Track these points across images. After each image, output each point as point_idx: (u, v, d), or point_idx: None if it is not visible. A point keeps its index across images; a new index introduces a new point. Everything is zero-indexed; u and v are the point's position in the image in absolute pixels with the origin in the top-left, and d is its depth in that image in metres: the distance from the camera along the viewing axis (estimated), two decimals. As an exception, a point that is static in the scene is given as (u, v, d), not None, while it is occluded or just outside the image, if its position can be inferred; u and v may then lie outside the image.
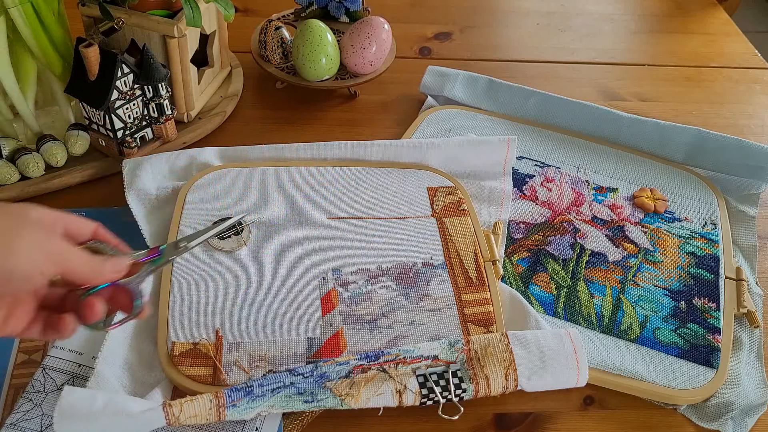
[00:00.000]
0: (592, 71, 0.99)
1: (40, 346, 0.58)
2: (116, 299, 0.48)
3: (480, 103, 0.88)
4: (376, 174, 0.73)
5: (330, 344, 0.59)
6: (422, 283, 0.64)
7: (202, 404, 0.50)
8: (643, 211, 0.76)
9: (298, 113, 0.85)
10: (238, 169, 0.72)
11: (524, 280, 0.67)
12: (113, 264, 0.46)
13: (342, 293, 0.62)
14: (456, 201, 0.71)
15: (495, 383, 0.55)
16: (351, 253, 0.65)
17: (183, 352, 0.56)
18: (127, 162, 0.71)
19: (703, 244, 0.73)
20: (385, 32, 0.84)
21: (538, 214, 0.74)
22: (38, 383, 0.54)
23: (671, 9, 1.14)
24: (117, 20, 0.71)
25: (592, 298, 0.67)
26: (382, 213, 0.70)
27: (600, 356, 0.61)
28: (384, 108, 0.88)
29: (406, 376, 0.55)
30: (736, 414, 0.59)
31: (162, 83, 0.71)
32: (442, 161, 0.75)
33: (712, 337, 0.64)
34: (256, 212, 0.68)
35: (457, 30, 1.04)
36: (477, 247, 0.67)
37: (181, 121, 0.79)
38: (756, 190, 0.80)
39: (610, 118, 0.85)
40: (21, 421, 0.52)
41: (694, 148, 0.83)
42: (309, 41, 0.81)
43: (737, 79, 1.00)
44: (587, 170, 0.80)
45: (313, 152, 0.75)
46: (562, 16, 1.10)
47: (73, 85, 0.70)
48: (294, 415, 0.55)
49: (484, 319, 0.61)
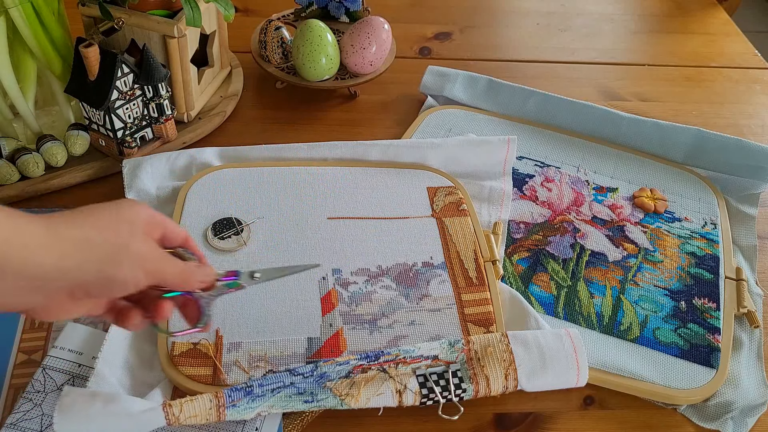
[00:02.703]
0: (592, 71, 0.99)
1: (40, 346, 0.58)
2: (186, 308, 0.51)
3: (480, 103, 0.88)
4: (376, 174, 0.73)
5: (330, 344, 0.59)
6: (422, 283, 0.64)
7: (202, 404, 0.50)
8: (643, 211, 0.76)
9: (298, 113, 0.85)
10: (238, 169, 0.72)
11: (524, 280, 0.67)
12: (202, 274, 0.49)
13: (342, 293, 0.62)
14: (456, 201, 0.71)
15: (495, 383, 0.55)
16: (351, 253, 0.65)
17: (183, 352, 0.56)
18: (127, 162, 0.71)
19: (703, 244, 0.73)
20: (385, 32, 0.84)
21: (538, 214, 0.74)
22: (38, 383, 0.54)
23: (671, 9, 1.14)
24: (117, 20, 0.71)
25: (592, 298, 0.67)
26: (382, 213, 0.70)
27: (600, 356, 0.61)
28: (384, 108, 0.88)
29: (406, 376, 0.55)
30: (736, 414, 0.59)
31: (162, 83, 0.71)
32: (442, 161, 0.75)
33: (712, 337, 0.64)
34: (256, 212, 0.68)
35: (457, 30, 1.04)
36: (477, 247, 0.67)
37: (181, 121, 0.79)
38: (756, 190, 0.80)
39: (610, 118, 0.85)
40: (21, 421, 0.52)
41: (694, 148, 0.83)
42: (309, 41, 0.81)
43: (737, 79, 1.00)
44: (587, 170, 0.80)
45: (313, 152, 0.75)
46: (562, 16, 1.10)
47: (73, 85, 0.70)
48: (294, 415, 0.55)
49: (484, 319, 0.61)
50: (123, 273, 0.43)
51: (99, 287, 0.43)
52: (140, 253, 0.44)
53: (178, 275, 0.47)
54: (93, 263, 0.41)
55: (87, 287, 0.42)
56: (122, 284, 0.43)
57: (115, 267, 0.42)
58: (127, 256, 0.43)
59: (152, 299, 0.48)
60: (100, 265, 0.42)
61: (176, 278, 0.47)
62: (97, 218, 0.43)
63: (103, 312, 0.47)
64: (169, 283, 0.47)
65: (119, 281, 0.43)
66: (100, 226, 0.43)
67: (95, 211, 0.44)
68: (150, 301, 0.48)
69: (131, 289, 0.44)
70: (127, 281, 0.43)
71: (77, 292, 0.42)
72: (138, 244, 0.44)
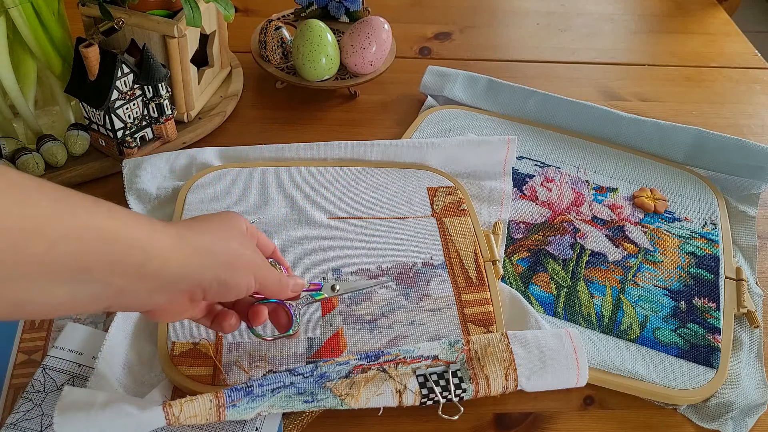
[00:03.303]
0: (592, 71, 0.99)
1: (40, 346, 0.58)
2: (276, 315, 0.55)
3: (480, 103, 0.88)
4: (376, 174, 0.73)
5: (330, 344, 0.59)
6: (422, 283, 0.64)
7: (202, 404, 0.50)
8: (643, 211, 0.76)
9: (298, 113, 0.85)
10: (238, 169, 0.72)
11: (524, 280, 0.67)
12: (295, 284, 0.53)
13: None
14: (456, 201, 0.71)
15: (495, 383, 0.55)
16: (351, 253, 0.65)
17: (183, 352, 0.56)
18: (127, 162, 0.71)
19: (703, 244, 0.73)
20: (385, 32, 0.84)
21: (538, 214, 0.74)
22: (38, 383, 0.54)
23: (671, 9, 1.14)
24: (117, 20, 0.71)
25: (592, 298, 0.67)
26: (382, 213, 0.70)
27: (600, 356, 0.61)
28: (384, 108, 0.88)
29: (406, 376, 0.54)
30: (736, 414, 0.59)
31: (162, 83, 0.71)
32: (442, 161, 0.75)
33: (712, 337, 0.64)
34: (256, 212, 0.68)
35: (457, 30, 1.04)
36: (477, 247, 0.67)
37: (181, 121, 0.79)
38: (756, 190, 0.80)
39: (610, 118, 0.85)
40: (21, 421, 0.52)
41: (694, 148, 0.83)
42: (309, 41, 0.81)
43: (737, 79, 1.00)
44: (587, 170, 0.80)
45: (313, 152, 0.75)
46: (562, 16, 1.10)
47: (73, 85, 0.70)
48: (294, 415, 0.55)
49: (484, 319, 0.61)
50: (237, 279, 0.47)
51: (216, 290, 0.46)
52: (252, 261, 0.48)
53: (277, 283, 0.51)
54: (213, 269, 0.45)
55: (205, 290, 0.45)
56: (236, 288, 0.47)
57: (232, 273, 0.46)
58: (242, 263, 0.47)
59: (245, 305, 0.53)
60: (219, 270, 0.45)
61: (275, 286, 0.51)
62: (214, 227, 0.47)
63: (202, 316, 0.51)
64: (268, 290, 0.51)
65: (234, 286, 0.47)
66: (219, 235, 0.47)
67: (210, 220, 0.48)
68: (243, 307, 0.53)
69: (243, 293, 0.48)
70: (240, 286, 0.47)
71: (196, 294, 0.45)
72: (250, 253, 0.48)
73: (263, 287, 0.50)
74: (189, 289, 0.45)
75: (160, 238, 0.42)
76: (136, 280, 0.41)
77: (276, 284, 0.51)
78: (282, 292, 0.52)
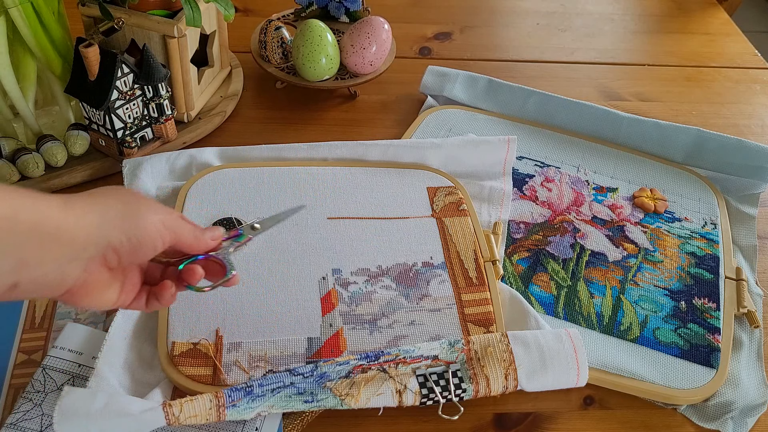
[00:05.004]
0: (592, 71, 0.99)
1: (40, 346, 0.58)
2: (209, 269, 0.52)
3: (480, 103, 0.88)
4: (376, 174, 0.73)
5: (330, 344, 0.59)
6: (422, 283, 0.64)
7: (202, 404, 0.50)
8: (643, 211, 0.76)
9: (298, 113, 0.85)
10: (238, 169, 0.72)
11: (524, 280, 0.67)
12: (211, 233, 0.51)
13: (342, 293, 0.62)
14: (456, 201, 0.71)
15: (495, 383, 0.55)
16: (351, 253, 0.65)
17: (183, 352, 0.56)
18: (127, 162, 0.71)
19: (703, 244, 0.73)
20: (385, 32, 0.84)
21: (538, 214, 0.74)
22: (38, 383, 0.54)
23: (671, 9, 1.14)
24: (117, 20, 0.71)
25: (592, 298, 0.67)
26: (382, 213, 0.70)
27: (600, 356, 0.61)
28: (384, 108, 0.88)
29: (406, 376, 0.55)
30: (736, 414, 0.59)
31: (162, 83, 0.71)
32: (442, 161, 0.75)
33: (712, 337, 0.64)
34: (256, 212, 0.68)
35: (457, 30, 1.04)
36: (477, 247, 0.67)
37: (181, 121, 0.79)
38: (756, 190, 0.80)
39: (610, 118, 0.85)
40: (21, 421, 0.52)
41: (694, 148, 0.83)
42: (309, 41, 0.81)
43: (737, 79, 1.00)
44: (587, 170, 0.80)
45: (313, 152, 0.75)
46: (562, 16, 1.10)
47: (73, 85, 0.70)
48: (294, 415, 0.55)
49: (484, 319, 0.61)
50: (147, 229, 0.44)
51: (128, 247, 0.44)
52: (158, 207, 0.46)
53: (191, 231, 0.49)
54: (115, 222, 0.43)
55: (117, 249, 0.43)
56: (150, 240, 0.45)
57: (137, 222, 0.44)
58: (147, 208, 0.45)
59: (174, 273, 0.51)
60: (123, 223, 0.43)
61: (190, 234, 0.49)
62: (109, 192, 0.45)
63: (137, 295, 0.49)
64: (184, 240, 0.48)
65: (146, 237, 0.44)
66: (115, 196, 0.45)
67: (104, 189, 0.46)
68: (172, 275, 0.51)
69: (159, 245, 0.45)
70: (153, 236, 0.45)
71: (110, 257, 0.43)
72: (153, 202, 0.46)
73: (178, 239, 0.47)
74: (100, 253, 0.42)
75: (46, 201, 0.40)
76: (36, 248, 0.39)
77: (191, 232, 0.49)
78: (200, 243, 0.50)
